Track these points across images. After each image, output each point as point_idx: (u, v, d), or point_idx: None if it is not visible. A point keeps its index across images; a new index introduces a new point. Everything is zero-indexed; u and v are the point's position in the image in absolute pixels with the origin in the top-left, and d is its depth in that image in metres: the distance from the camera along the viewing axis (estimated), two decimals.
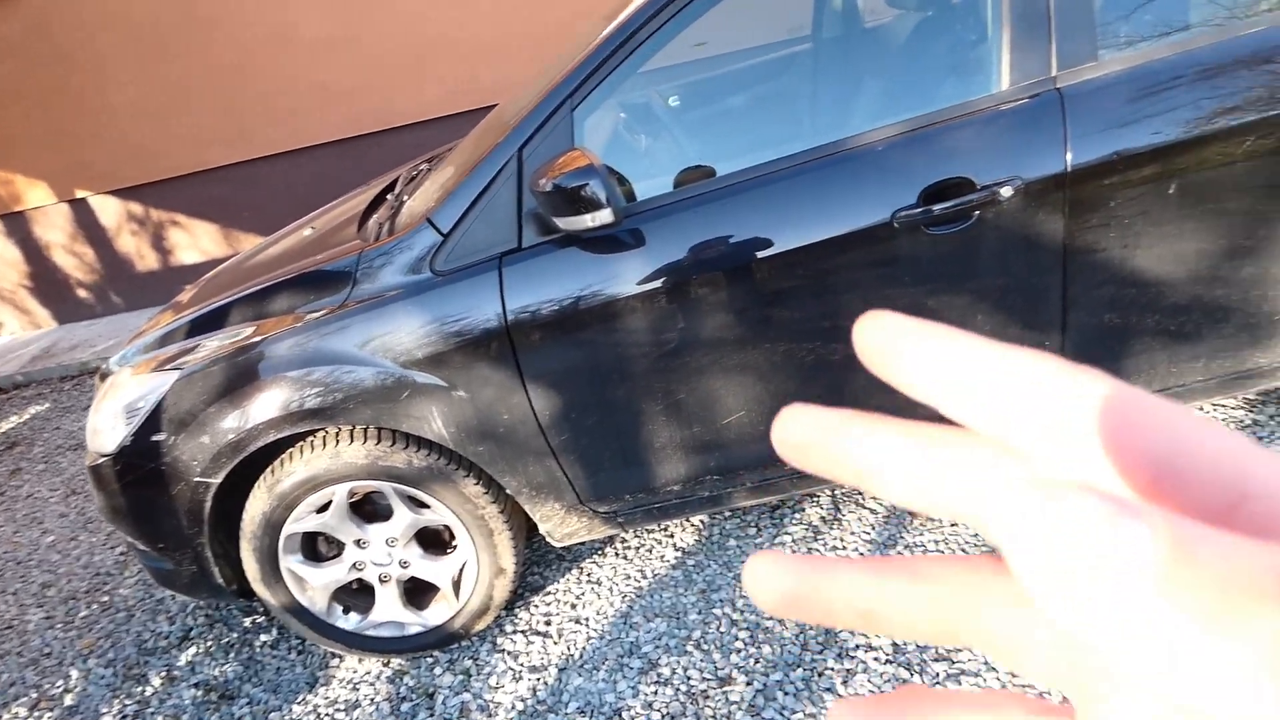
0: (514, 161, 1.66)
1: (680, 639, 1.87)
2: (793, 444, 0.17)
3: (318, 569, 1.90)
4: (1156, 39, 1.53)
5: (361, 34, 4.24)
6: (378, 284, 1.72)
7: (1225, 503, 0.13)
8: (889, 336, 0.16)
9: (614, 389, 1.71)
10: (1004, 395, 0.15)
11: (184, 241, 4.92)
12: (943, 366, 0.15)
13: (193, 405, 1.75)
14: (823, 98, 2.62)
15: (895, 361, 0.16)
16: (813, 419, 0.17)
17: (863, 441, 0.16)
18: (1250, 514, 0.13)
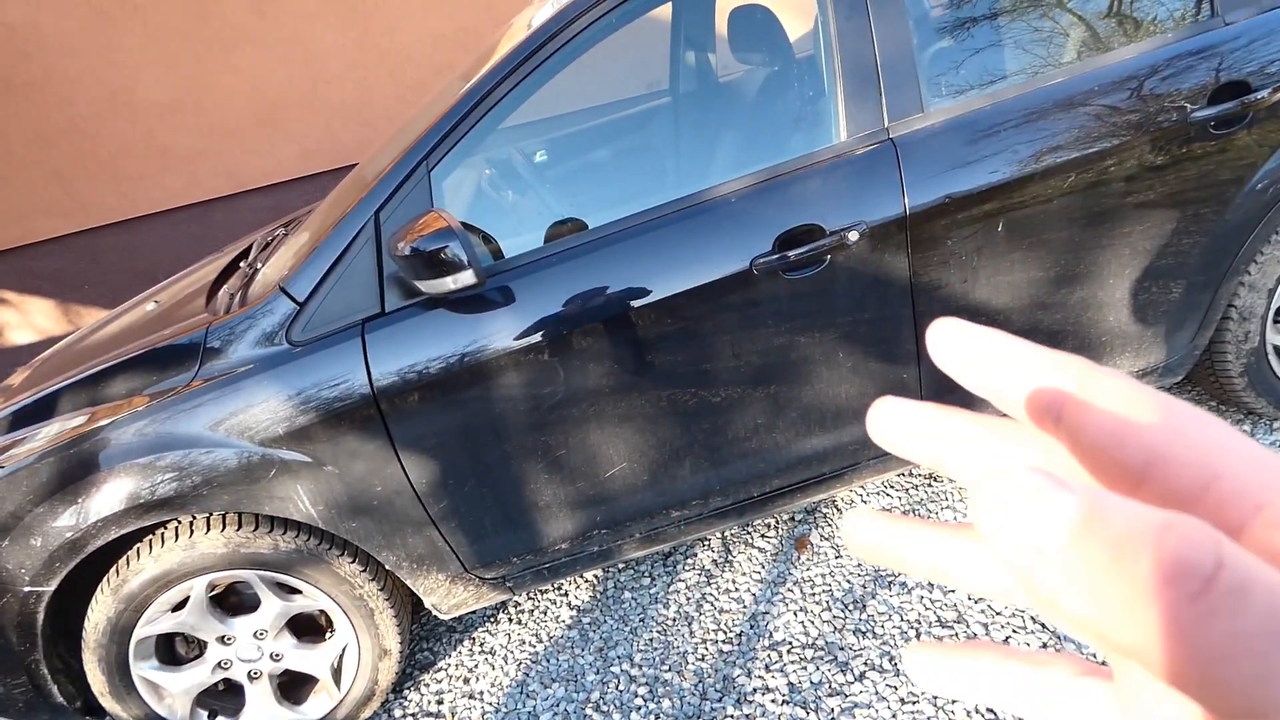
0: (371, 225, 1.61)
1: (579, 703, 1.82)
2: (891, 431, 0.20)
3: (176, 673, 1.73)
4: (978, 89, 1.68)
5: (205, 95, 4.06)
6: (229, 359, 1.62)
7: (1200, 482, 0.15)
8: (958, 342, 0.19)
9: (492, 450, 1.67)
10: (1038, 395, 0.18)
11: (14, 320, 4.48)
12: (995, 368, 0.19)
13: (17, 507, 1.58)
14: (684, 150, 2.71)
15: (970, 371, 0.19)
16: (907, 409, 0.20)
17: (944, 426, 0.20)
18: (1217, 491, 0.15)
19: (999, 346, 0.19)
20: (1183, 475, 0.15)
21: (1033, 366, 0.18)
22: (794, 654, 1.79)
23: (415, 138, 1.66)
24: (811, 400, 1.75)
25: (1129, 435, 0.16)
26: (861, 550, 0.21)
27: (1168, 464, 0.16)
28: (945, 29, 1.85)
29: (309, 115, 4.16)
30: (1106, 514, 0.13)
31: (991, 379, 0.19)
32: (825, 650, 1.78)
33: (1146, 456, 0.16)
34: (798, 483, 1.86)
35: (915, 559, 0.20)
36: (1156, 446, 0.16)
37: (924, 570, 0.20)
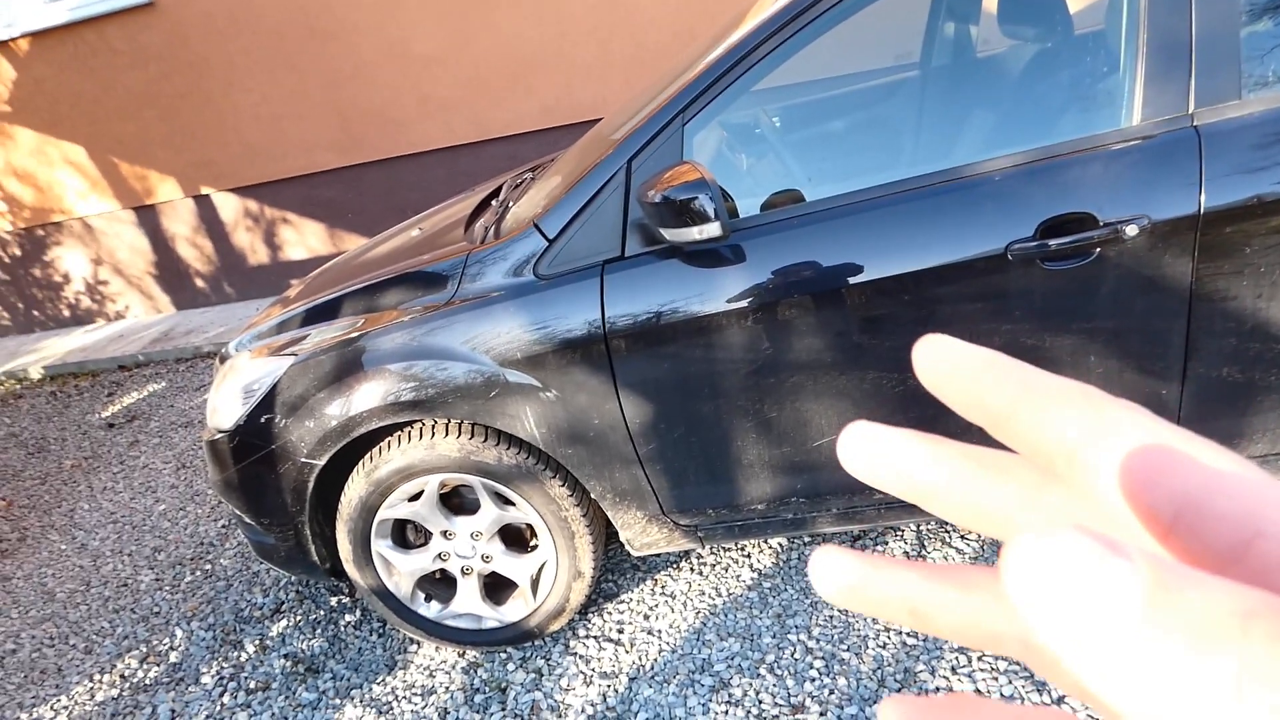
0: (623, 172, 1.70)
1: (754, 661, 1.85)
2: (859, 459, 0.18)
3: (406, 555, 1.97)
4: None
5: (465, 49, 4.42)
6: (482, 284, 1.79)
7: (1239, 540, 0.13)
8: (946, 360, 0.17)
9: (705, 402, 1.72)
10: (1044, 428, 0.16)
11: (292, 239, 5.20)
12: (993, 393, 0.16)
13: (303, 390, 1.85)
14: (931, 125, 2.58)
15: (952, 386, 0.17)
16: (878, 436, 0.18)
17: (924, 462, 0.18)
18: (1261, 551, 0.13)
19: (1001, 368, 0.17)
20: (1219, 530, 0.13)
21: (1039, 393, 0.16)
22: (985, 662, 1.71)
23: (673, 92, 1.71)
24: None
25: (1156, 480, 0.14)
26: (833, 594, 0.19)
27: (1202, 516, 0.13)
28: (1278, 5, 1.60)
29: (552, 72, 4.40)
30: (1179, 589, 0.11)
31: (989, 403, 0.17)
32: (1021, 666, 1.68)
33: (1176, 506, 0.14)
34: None
35: (893, 604, 0.18)
36: (1189, 494, 0.14)
37: (902, 616, 0.18)
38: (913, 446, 0.18)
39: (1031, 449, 0.16)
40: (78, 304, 5.70)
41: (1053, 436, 0.15)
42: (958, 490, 0.18)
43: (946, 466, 0.18)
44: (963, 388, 0.17)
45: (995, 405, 0.16)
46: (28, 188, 5.30)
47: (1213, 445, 0.14)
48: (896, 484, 0.18)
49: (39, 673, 2.32)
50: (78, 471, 3.54)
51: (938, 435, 0.18)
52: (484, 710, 1.88)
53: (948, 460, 0.18)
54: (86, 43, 4.76)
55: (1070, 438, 0.15)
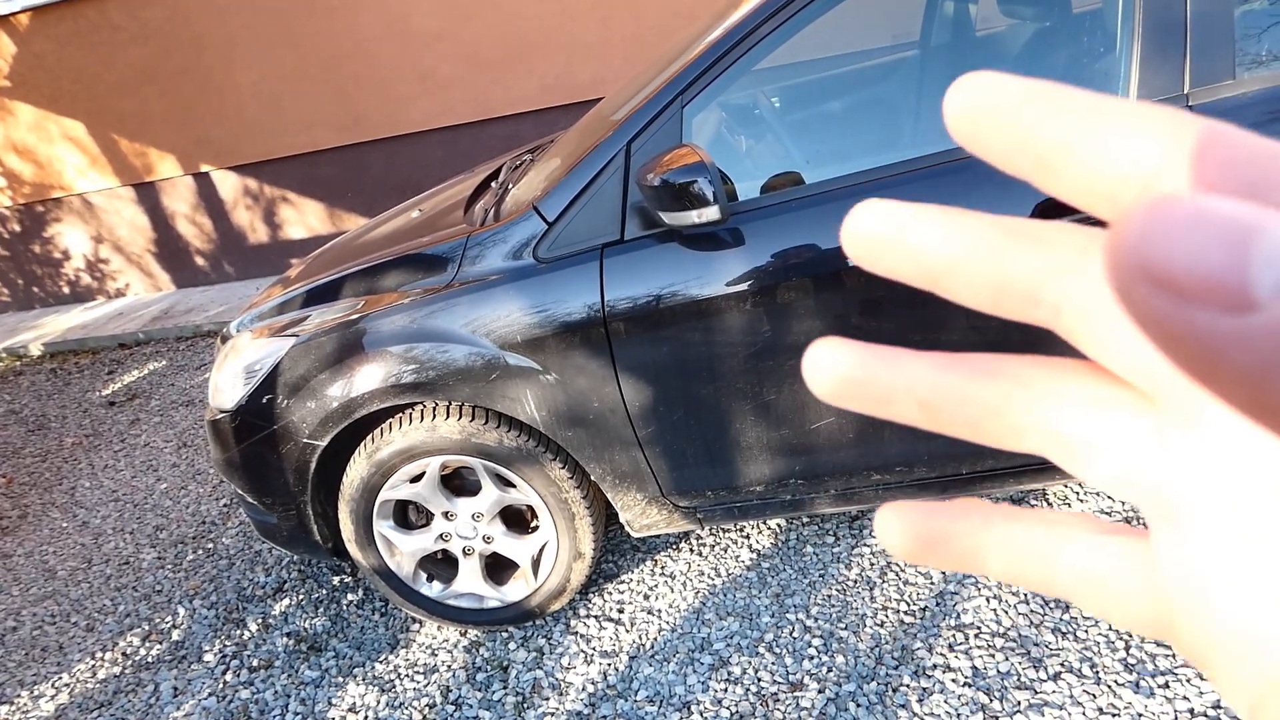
0: (622, 155, 1.69)
1: (752, 640, 1.88)
2: (865, 236, 0.16)
3: (407, 536, 1.99)
4: None
5: (466, 26, 4.38)
6: (482, 267, 1.79)
7: None
8: (984, 95, 0.14)
9: (704, 385, 1.73)
10: (1112, 156, 0.13)
11: (292, 218, 5.18)
12: (1046, 122, 0.13)
13: (305, 371, 1.86)
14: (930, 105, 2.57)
15: (992, 125, 0.14)
16: (888, 210, 0.16)
17: (942, 230, 0.15)
18: None
19: (1056, 93, 0.13)
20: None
21: (1105, 113, 0.13)
22: (982, 639, 1.73)
23: (672, 74, 1.71)
24: None
25: None
26: (829, 389, 0.16)
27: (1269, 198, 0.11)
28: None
29: (552, 51, 4.37)
30: None
31: (1040, 137, 0.13)
32: (1018, 642, 1.70)
33: None
34: (1013, 467, 1.76)
35: (900, 396, 0.16)
36: (1259, 185, 0.11)
37: (910, 410, 0.16)
38: (927, 214, 0.15)
39: (1092, 190, 0.13)
40: (78, 281, 5.70)
41: (1124, 165, 0.12)
42: (982, 262, 0.15)
43: (967, 233, 0.15)
44: (1005, 124, 0.13)
45: (1048, 138, 0.13)
46: (28, 164, 5.27)
47: None
48: (907, 264, 0.15)
49: (40, 650, 2.35)
50: (79, 449, 3.56)
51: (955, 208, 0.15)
52: (486, 688, 1.91)
53: (970, 227, 0.15)
54: (87, 18, 4.72)
55: (1148, 163, 0.12)
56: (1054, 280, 0.14)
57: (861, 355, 0.16)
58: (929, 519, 0.17)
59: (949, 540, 0.17)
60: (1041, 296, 0.14)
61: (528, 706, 1.84)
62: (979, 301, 0.15)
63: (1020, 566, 0.16)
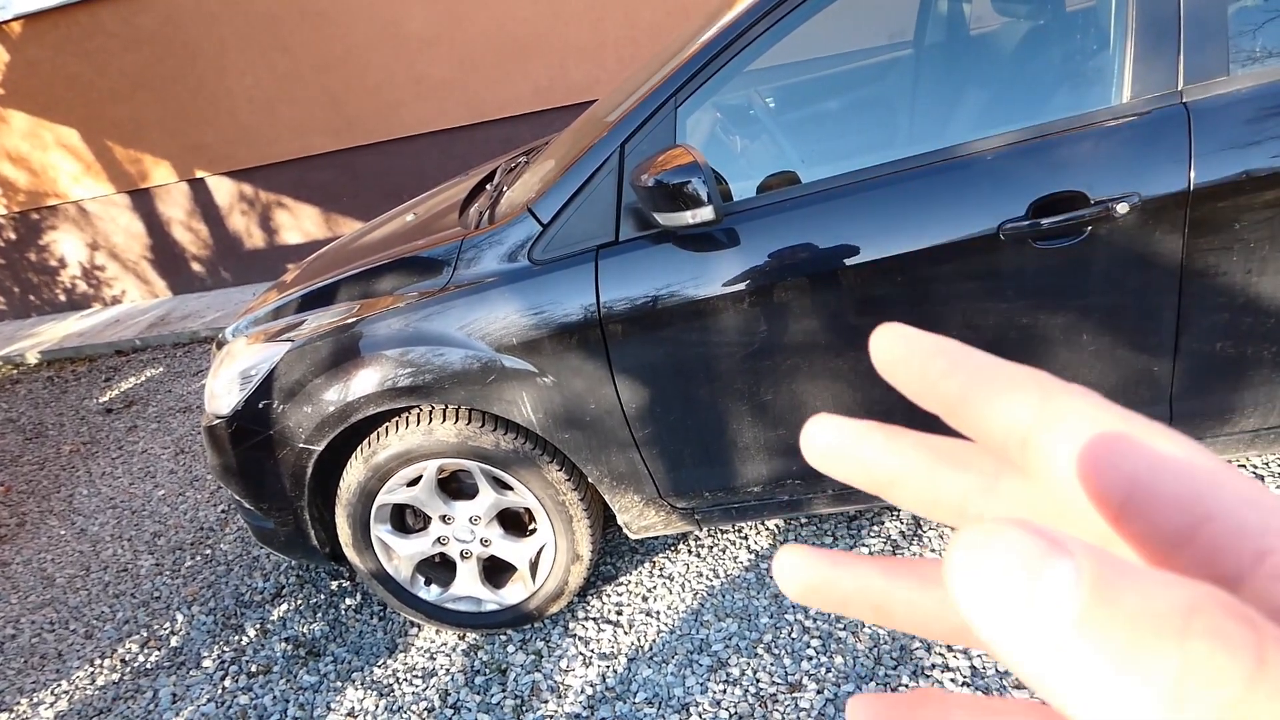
0: (616, 156, 1.69)
1: (751, 641, 1.88)
2: (820, 451, 0.19)
3: (405, 540, 1.99)
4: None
5: (458, 30, 4.38)
6: (478, 270, 1.79)
7: (1188, 523, 0.13)
8: (899, 348, 0.17)
9: (701, 386, 1.73)
10: (996, 414, 0.16)
11: (288, 223, 5.18)
12: (945, 380, 0.16)
13: (301, 376, 1.86)
14: (924, 105, 2.57)
15: (906, 373, 0.17)
16: (839, 428, 0.19)
17: (882, 452, 0.18)
18: (1209, 534, 0.13)
19: (951, 354, 0.17)
20: (1168, 514, 0.13)
21: (990, 378, 0.16)
22: None
23: (665, 74, 1.71)
24: None
25: (1105, 464, 0.14)
26: (796, 593, 0.19)
27: (1151, 500, 0.13)
28: None
29: (546, 53, 4.37)
30: (1118, 589, 0.11)
31: (941, 390, 0.17)
32: None
33: (1127, 490, 0.14)
34: None
35: (856, 600, 0.19)
36: (1139, 478, 0.14)
37: (865, 612, 0.19)
38: (868, 437, 0.18)
39: (985, 436, 0.16)
40: (74, 289, 5.69)
41: (1005, 423, 0.15)
42: (915, 480, 0.18)
43: (902, 456, 0.18)
44: (915, 375, 0.17)
45: (947, 392, 0.17)
46: (22, 171, 5.27)
47: (1164, 429, 0.14)
48: (855, 475, 0.18)
49: (39, 658, 2.35)
50: (76, 457, 3.55)
51: (897, 426, 0.18)
52: (484, 691, 1.91)
53: (903, 450, 0.18)
54: (80, 25, 4.71)
55: (1022, 424, 0.15)
56: (974, 499, 0.17)
57: (821, 562, 0.19)
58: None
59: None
60: (965, 511, 0.18)
61: (526, 709, 1.84)
62: (916, 508, 0.18)
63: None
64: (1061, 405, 0.15)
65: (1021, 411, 0.15)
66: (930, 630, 0.18)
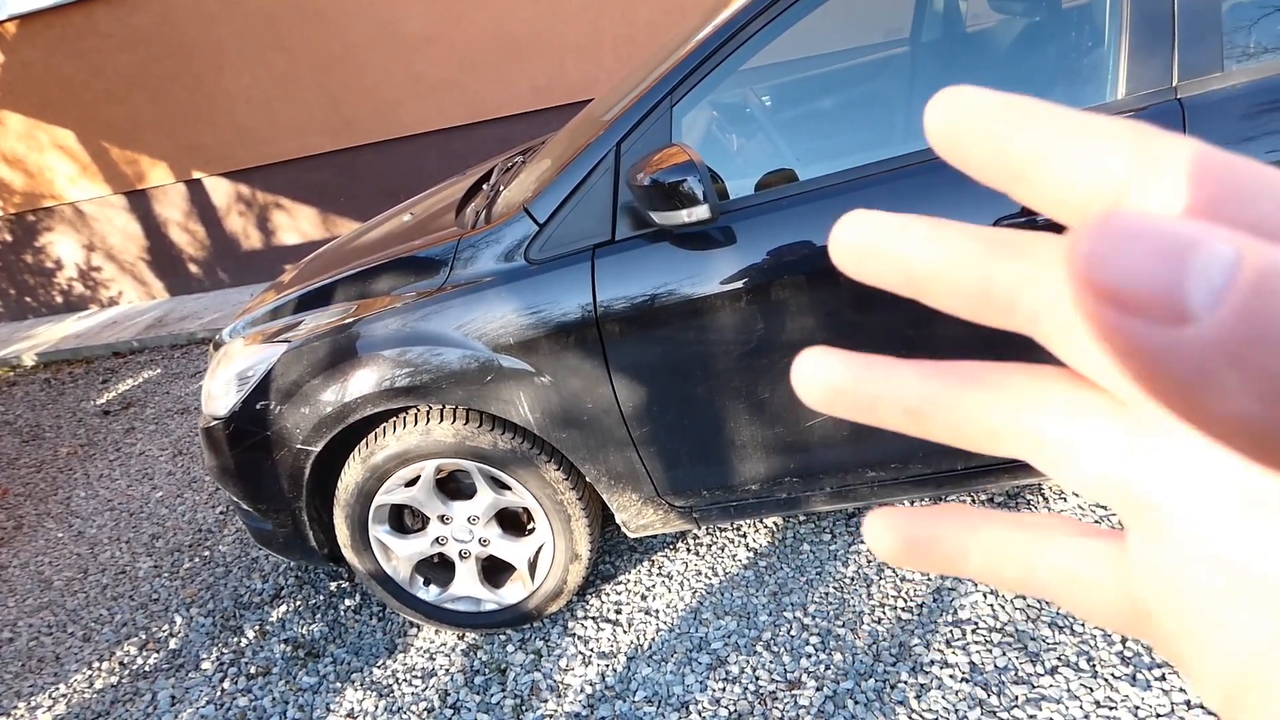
0: (612, 155, 1.69)
1: (750, 639, 1.88)
2: (850, 249, 0.16)
3: (403, 540, 1.99)
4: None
5: (456, 29, 4.38)
6: (474, 269, 1.79)
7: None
8: (961, 109, 0.14)
9: (698, 385, 1.73)
10: (1083, 167, 0.13)
11: (285, 224, 5.17)
12: (1020, 135, 0.14)
13: (298, 377, 1.86)
14: (921, 102, 2.57)
15: (969, 135, 0.14)
16: (873, 221, 0.16)
17: (924, 241, 0.16)
18: None
19: (1029, 107, 0.14)
20: None
21: (1075, 129, 0.13)
22: (979, 635, 1.73)
23: (661, 73, 1.70)
24: None
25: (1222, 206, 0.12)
26: (819, 398, 0.17)
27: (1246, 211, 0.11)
28: None
29: (544, 52, 4.36)
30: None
31: (1015, 148, 0.14)
32: (1015, 637, 1.70)
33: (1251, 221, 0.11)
34: (1007, 463, 1.76)
35: (887, 405, 0.17)
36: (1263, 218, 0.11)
37: (897, 418, 0.17)
38: (912, 225, 0.16)
39: (1064, 200, 0.13)
40: (70, 290, 5.68)
41: (1093, 177, 0.13)
42: (963, 270, 0.15)
43: (948, 243, 0.16)
44: (982, 136, 0.14)
45: (1022, 149, 0.14)
46: (17, 173, 5.26)
47: None
48: (893, 272, 0.16)
49: (37, 661, 2.34)
50: (74, 459, 3.55)
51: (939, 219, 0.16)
52: (484, 691, 1.91)
53: (952, 238, 0.16)
54: (74, 26, 4.70)
55: (1115, 175, 0.13)
56: (1030, 289, 0.15)
57: (848, 364, 0.17)
58: (914, 523, 0.18)
59: (933, 543, 0.17)
60: (1019, 304, 0.15)
61: (526, 709, 1.84)
62: (959, 308, 0.16)
63: (1000, 567, 0.17)
64: (1162, 150, 0.12)
65: (1115, 163, 0.13)
66: (970, 437, 0.16)
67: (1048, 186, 0.14)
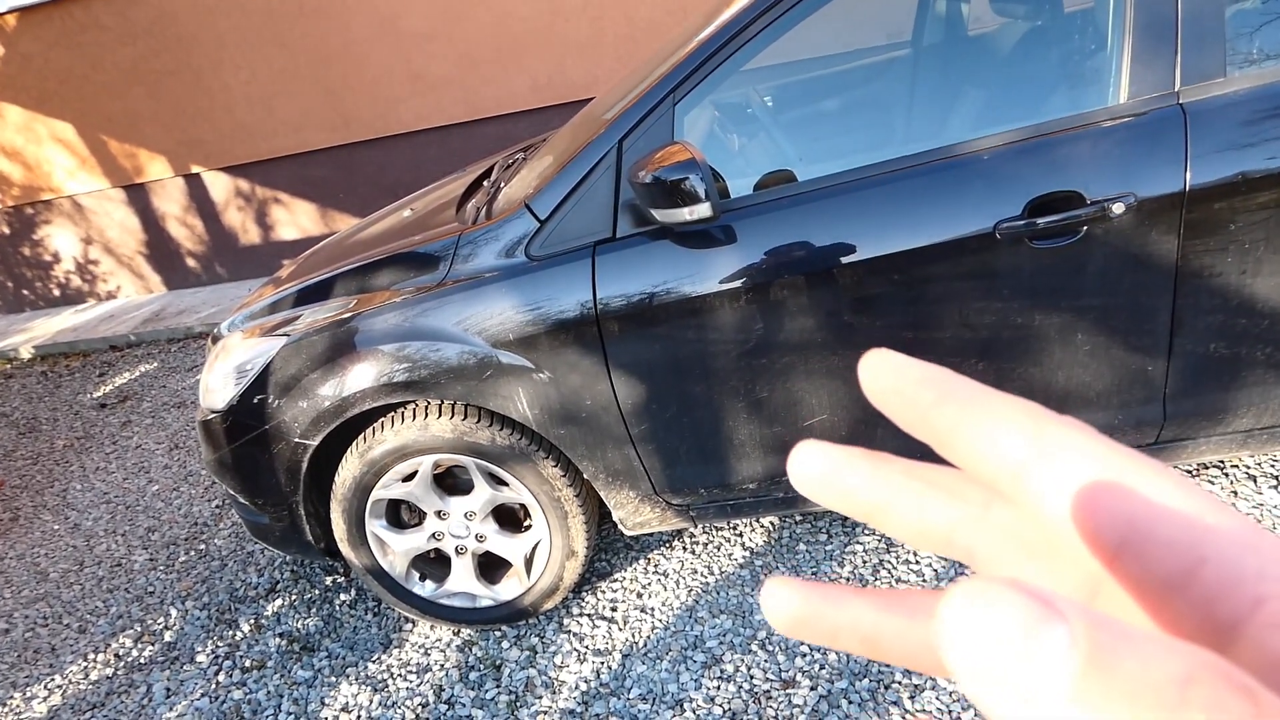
0: (614, 152, 1.69)
1: (745, 638, 1.88)
2: (807, 479, 0.18)
3: (400, 535, 1.98)
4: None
5: (457, 26, 4.37)
6: (474, 265, 1.79)
7: (1184, 567, 0.13)
8: (888, 376, 0.17)
9: (697, 383, 1.73)
10: (988, 448, 0.15)
11: (284, 219, 5.16)
12: (935, 412, 0.16)
13: (296, 371, 1.86)
14: (922, 104, 2.57)
15: (896, 402, 0.17)
16: (826, 455, 0.18)
17: (870, 480, 0.18)
18: (1206, 578, 0.13)
19: (942, 385, 0.16)
20: (1164, 557, 0.13)
21: (981, 410, 0.16)
22: None
23: (663, 71, 1.71)
24: (1039, 380, 1.65)
25: (1101, 505, 0.14)
26: (784, 626, 0.19)
27: (1146, 544, 0.13)
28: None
29: (544, 50, 4.36)
30: (1115, 656, 0.11)
31: (932, 422, 0.16)
32: None
33: (1122, 533, 0.13)
34: None
35: (845, 634, 0.18)
36: (1133, 521, 0.13)
37: (854, 645, 0.18)
38: (856, 465, 0.18)
39: (976, 468, 0.16)
40: (68, 283, 5.67)
41: (997, 456, 0.15)
42: (902, 509, 0.18)
43: (889, 485, 0.18)
44: (906, 405, 0.17)
45: (938, 424, 0.16)
46: (16, 165, 5.24)
47: (1158, 466, 0.14)
48: (843, 503, 0.18)
49: (33, 652, 2.34)
50: (70, 452, 3.54)
51: (884, 453, 0.18)
52: (479, 687, 1.91)
53: (891, 478, 0.18)
54: (74, 19, 4.69)
55: (1014, 457, 0.15)
56: (963, 529, 0.17)
57: (807, 596, 0.18)
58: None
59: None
60: (954, 542, 0.17)
61: (521, 705, 1.84)
62: (904, 538, 0.18)
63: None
64: (1054, 439, 0.15)
65: (1014, 445, 0.15)
66: (920, 663, 0.18)
67: (962, 455, 0.16)
